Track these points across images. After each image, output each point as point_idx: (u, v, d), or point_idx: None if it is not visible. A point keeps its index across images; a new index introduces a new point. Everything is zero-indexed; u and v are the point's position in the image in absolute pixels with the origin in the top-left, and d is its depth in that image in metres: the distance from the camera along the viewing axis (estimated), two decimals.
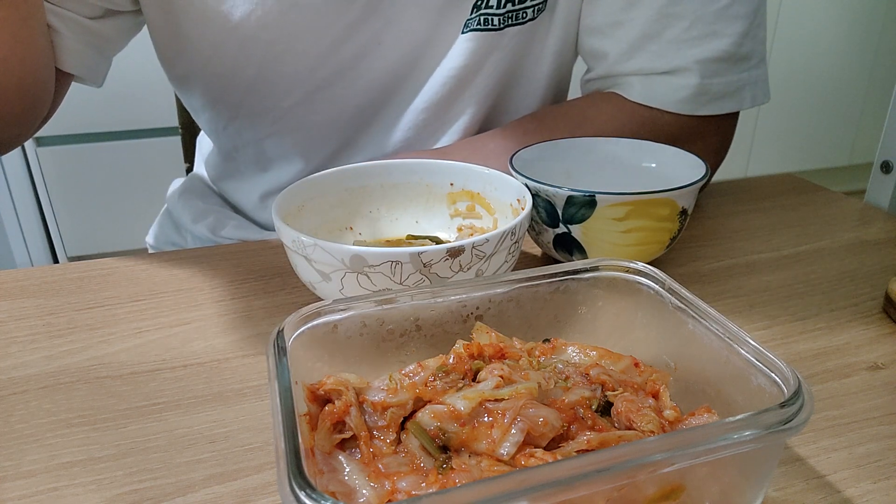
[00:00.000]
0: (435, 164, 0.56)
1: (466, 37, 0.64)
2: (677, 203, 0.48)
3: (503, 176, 0.53)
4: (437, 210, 0.57)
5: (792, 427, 0.26)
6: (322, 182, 0.53)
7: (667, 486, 0.27)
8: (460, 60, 0.65)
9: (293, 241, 0.43)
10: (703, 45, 0.61)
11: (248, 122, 0.68)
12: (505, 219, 0.53)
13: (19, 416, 0.39)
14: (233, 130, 0.70)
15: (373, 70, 0.65)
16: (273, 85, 0.64)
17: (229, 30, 0.61)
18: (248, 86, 0.65)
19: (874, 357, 0.44)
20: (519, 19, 0.64)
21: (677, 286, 0.36)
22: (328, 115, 0.67)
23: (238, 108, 0.67)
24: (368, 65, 0.65)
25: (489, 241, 0.42)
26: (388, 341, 0.36)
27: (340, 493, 0.28)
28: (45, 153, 1.68)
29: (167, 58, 0.66)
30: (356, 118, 0.68)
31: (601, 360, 0.36)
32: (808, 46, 2.10)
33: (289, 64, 0.63)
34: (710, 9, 0.60)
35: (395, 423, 0.31)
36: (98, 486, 0.34)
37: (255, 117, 0.68)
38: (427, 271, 0.41)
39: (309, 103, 0.66)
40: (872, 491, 0.34)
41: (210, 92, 0.67)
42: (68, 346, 0.46)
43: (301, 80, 0.65)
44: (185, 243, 0.79)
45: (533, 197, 0.49)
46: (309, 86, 0.65)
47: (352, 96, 0.67)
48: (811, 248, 0.59)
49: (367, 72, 0.65)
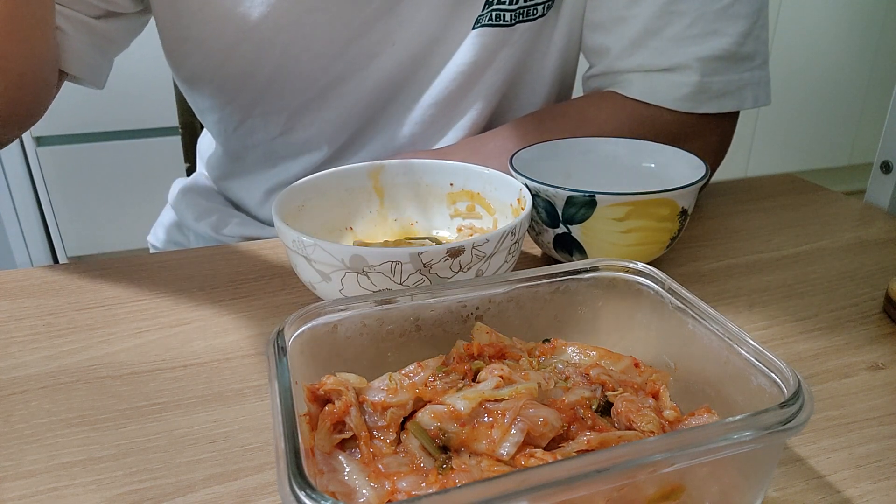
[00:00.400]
0: (434, 164, 0.56)
1: (476, 32, 0.64)
2: (677, 203, 0.48)
3: (503, 176, 0.53)
4: (437, 210, 0.57)
5: (792, 427, 0.26)
6: (322, 182, 0.53)
7: (667, 487, 0.27)
8: (470, 56, 0.65)
9: (293, 241, 0.43)
10: (704, 42, 0.61)
11: (262, 122, 0.69)
12: (505, 219, 0.53)
13: (19, 416, 0.39)
14: (244, 131, 0.70)
15: (384, 68, 0.66)
16: (287, 84, 0.65)
17: (245, 31, 0.61)
18: (263, 86, 0.65)
19: (874, 357, 0.44)
20: (529, 15, 0.65)
21: (677, 286, 0.36)
22: (339, 111, 0.68)
23: (251, 108, 0.68)
24: (380, 63, 0.65)
25: (489, 241, 0.42)
26: (388, 341, 0.36)
27: (340, 493, 0.28)
28: (45, 153, 1.68)
29: (176, 58, 0.66)
30: (366, 114, 0.69)
31: (601, 360, 0.36)
32: (808, 46, 2.10)
33: (304, 63, 0.63)
34: (711, 7, 0.61)
35: (395, 424, 0.31)
36: (98, 486, 0.34)
37: (269, 116, 0.68)
38: (427, 271, 0.41)
39: (321, 101, 0.66)
40: (872, 491, 0.34)
41: (223, 93, 0.67)
42: (68, 346, 0.46)
43: (315, 79, 0.65)
44: (188, 242, 0.80)
45: (533, 197, 0.49)
46: (322, 84, 0.65)
47: (363, 93, 0.67)
48: (811, 248, 0.59)
49: (378, 70, 0.66)
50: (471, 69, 0.66)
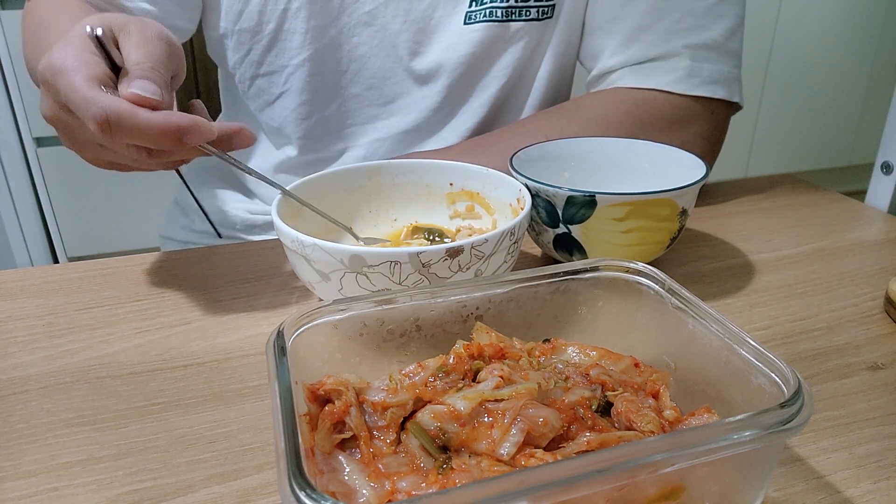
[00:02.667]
0: (434, 164, 0.56)
1: (473, 27, 0.67)
2: (677, 203, 0.48)
3: (502, 176, 0.53)
4: (437, 210, 0.57)
5: (792, 427, 0.26)
6: (321, 182, 0.53)
7: (667, 487, 0.27)
8: (468, 49, 0.68)
9: (293, 242, 0.43)
10: (692, 34, 0.65)
11: (267, 82, 0.72)
12: (504, 219, 0.53)
13: (19, 416, 0.39)
14: (255, 90, 0.73)
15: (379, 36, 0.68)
16: (287, 42, 0.68)
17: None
18: (268, 42, 0.68)
19: (874, 357, 0.44)
20: (522, 15, 0.68)
21: (677, 286, 0.36)
22: (333, 78, 0.70)
23: (259, 66, 0.71)
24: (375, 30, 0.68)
25: (488, 241, 0.42)
26: (388, 341, 0.36)
27: (340, 493, 0.28)
28: (45, 153, 1.68)
29: (211, 20, 0.70)
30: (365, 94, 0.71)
31: (601, 360, 0.36)
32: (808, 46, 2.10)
33: (301, 21, 0.67)
34: (699, 5, 0.65)
35: (395, 424, 0.31)
36: (98, 486, 0.34)
37: (272, 76, 0.71)
38: (426, 271, 0.41)
39: (318, 61, 0.69)
40: (872, 491, 0.34)
41: (240, 49, 0.70)
42: (68, 346, 0.46)
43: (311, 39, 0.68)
44: (193, 224, 0.80)
45: (533, 197, 0.49)
46: (318, 44, 0.68)
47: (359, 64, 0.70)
48: (811, 248, 0.59)
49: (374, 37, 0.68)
50: (470, 61, 0.68)
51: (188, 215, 0.82)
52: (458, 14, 0.67)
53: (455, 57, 0.68)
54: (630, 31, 0.66)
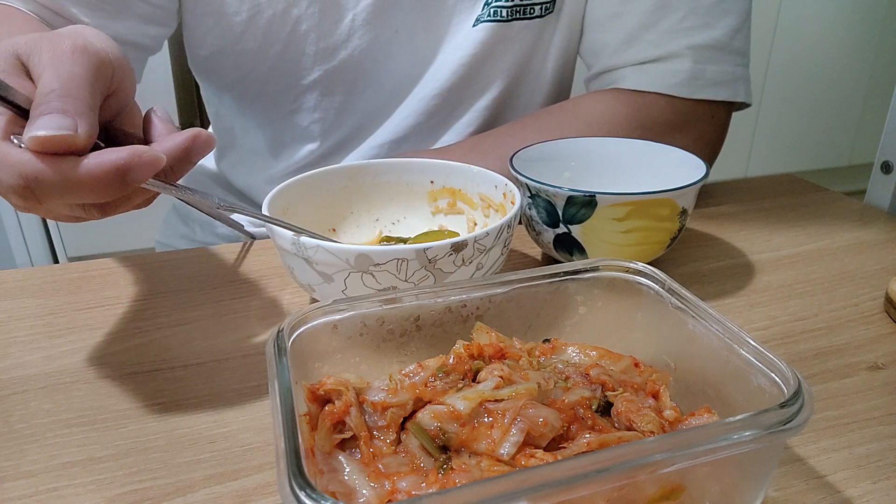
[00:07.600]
0: (413, 163, 0.56)
1: (477, 28, 0.67)
2: (677, 203, 0.48)
3: (483, 171, 0.53)
4: (418, 208, 0.57)
5: (792, 427, 0.26)
6: (304, 184, 0.53)
7: (667, 487, 0.27)
8: (470, 50, 0.68)
9: (293, 244, 0.43)
10: (696, 33, 0.64)
11: (272, 102, 0.71)
12: (487, 212, 0.53)
13: (19, 416, 0.39)
14: (258, 107, 0.72)
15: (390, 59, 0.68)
16: (294, 63, 0.67)
17: (261, 5, 0.63)
18: (274, 62, 0.67)
19: (874, 357, 0.44)
20: (526, 14, 0.67)
21: (677, 286, 0.36)
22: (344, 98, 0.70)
23: (264, 85, 0.69)
24: (386, 51, 0.67)
25: (489, 234, 0.43)
26: (388, 341, 0.36)
27: (340, 493, 0.28)
28: None
29: (199, 35, 0.68)
30: (370, 103, 0.71)
31: (601, 360, 0.36)
32: (808, 47, 2.10)
33: (310, 44, 0.66)
34: (703, 2, 0.63)
35: (395, 424, 0.31)
36: (98, 486, 0.34)
37: (277, 95, 0.70)
38: (432, 267, 0.41)
39: (327, 84, 0.68)
40: (872, 491, 0.34)
41: (239, 68, 0.69)
42: (68, 346, 0.46)
43: (321, 60, 0.67)
44: (194, 234, 0.80)
45: (533, 197, 0.49)
46: (328, 66, 0.67)
47: (367, 81, 0.69)
48: (811, 248, 0.59)
49: (385, 59, 0.68)
50: (471, 61, 0.68)
51: (188, 224, 0.81)
52: (470, 21, 0.67)
53: (458, 58, 0.68)
54: (632, 29, 0.65)
